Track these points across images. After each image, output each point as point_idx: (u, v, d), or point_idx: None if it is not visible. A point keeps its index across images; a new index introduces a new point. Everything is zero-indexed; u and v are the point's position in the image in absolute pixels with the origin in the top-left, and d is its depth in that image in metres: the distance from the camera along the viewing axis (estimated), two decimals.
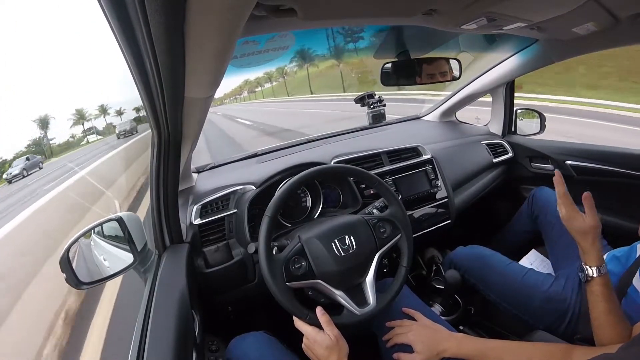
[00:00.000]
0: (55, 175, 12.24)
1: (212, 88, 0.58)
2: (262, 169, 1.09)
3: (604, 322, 0.62)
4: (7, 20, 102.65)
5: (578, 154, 1.26)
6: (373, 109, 1.43)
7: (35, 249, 4.48)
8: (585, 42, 0.98)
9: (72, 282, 0.69)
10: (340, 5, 0.56)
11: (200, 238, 0.92)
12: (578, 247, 0.70)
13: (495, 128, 1.55)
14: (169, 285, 0.71)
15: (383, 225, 0.77)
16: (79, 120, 34.93)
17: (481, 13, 0.65)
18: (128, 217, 0.80)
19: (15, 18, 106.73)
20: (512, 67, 1.28)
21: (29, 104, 67.30)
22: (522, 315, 0.91)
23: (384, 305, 0.72)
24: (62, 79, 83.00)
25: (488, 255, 1.04)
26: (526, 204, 1.21)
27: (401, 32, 1.01)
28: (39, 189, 10.18)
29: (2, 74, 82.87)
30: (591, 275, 0.65)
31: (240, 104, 39.09)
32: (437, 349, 0.70)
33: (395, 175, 1.16)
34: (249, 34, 0.62)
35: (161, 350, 0.56)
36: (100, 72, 76.12)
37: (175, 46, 0.39)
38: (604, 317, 0.63)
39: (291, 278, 0.68)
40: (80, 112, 34.87)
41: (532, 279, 0.93)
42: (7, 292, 3.32)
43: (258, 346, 0.74)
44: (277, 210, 0.72)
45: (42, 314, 2.76)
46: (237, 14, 0.37)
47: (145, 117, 0.64)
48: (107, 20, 0.37)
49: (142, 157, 10.41)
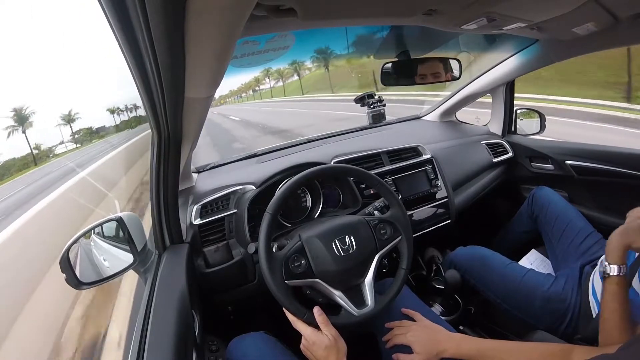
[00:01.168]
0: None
1: (212, 88, 0.57)
2: (262, 169, 1.09)
3: (612, 322, 0.62)
4: (7, 20, 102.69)
5: (578, 154, 1.26)
6: (373, 109, 1.43)
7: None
8: (585, 42, 0.98)
9: (72, 282, 0.69)
10: (340, 6, 0.56)
11: (200, 238, 0.92)
12: (606, 244, 0.68)
13: (495, 128, 1.55)
14: (169, 285, 0.71)
15: (384, 227, 0.77)
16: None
17: (481, 13, 0.65)
18: (128, 217, 0.80)
19: (15, 18, 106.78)
20: (512, 67, 1.28)
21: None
22: (522, 316, 0.91)
23: (382, 307, 0.72)
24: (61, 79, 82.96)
25: (488, 255, 1.04)
26: (526, 204, 1.21)
27: (401, 32, 1.01)
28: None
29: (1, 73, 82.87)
30: (609, 273, 0.65)
31: (240, 104, 39.31)
32: (437, 350, 0.70)
33: (395, 175, 1.16)
34: (249, 34, 0.62)
35: (161, 350, 0.55)
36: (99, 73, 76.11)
37: (175, 46, 0.39)
38: (613, 317, 0.62)
39: (290, 276, 0.68)
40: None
41: (532, 280, 0.93)
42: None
43: (258, 346, 0.74)
44: (278, 208, 0.72)
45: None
46: (237, 14, 0.37)
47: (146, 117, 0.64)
48: (108, 20, 0.37)
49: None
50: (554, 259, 1.06)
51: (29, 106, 40.34)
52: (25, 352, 2.51)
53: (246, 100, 42.04)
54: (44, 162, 25.23)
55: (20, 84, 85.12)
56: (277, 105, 20.59)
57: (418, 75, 1.05)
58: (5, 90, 77.09)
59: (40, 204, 8.20)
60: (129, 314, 2.20)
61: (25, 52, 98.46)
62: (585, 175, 1.24)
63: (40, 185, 12.18)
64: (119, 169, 10.78)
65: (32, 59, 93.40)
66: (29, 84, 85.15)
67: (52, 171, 15.28)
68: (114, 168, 11.24)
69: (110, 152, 16.00)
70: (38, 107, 56.49)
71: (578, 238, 1.00)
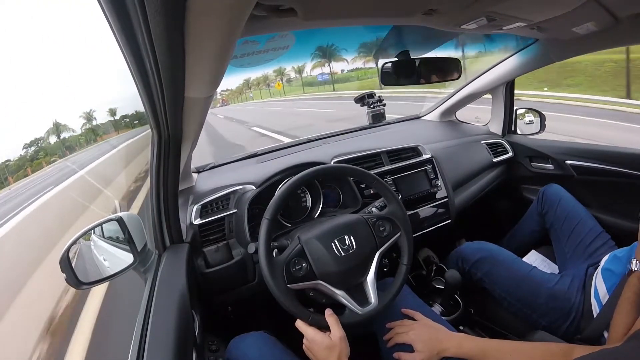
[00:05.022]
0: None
1: (212, 88, 0.58)
2: (262, 169, 1.08)
3: (624, 309, 0.65)
4: (7, 20, 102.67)
5: (578, 154, 1.26)
6: (373, 108, 1.43)
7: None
8: (585, 42, 0.98)
9: (72, 282, 0.69)
10: (340, 6, 0.56)
11: (200, 238, 0.92)
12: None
13: (495, 128, 1.55)
14: (169, 285, 0.71)
15: (382, 224, 0.77)
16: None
17: (481, 13, 0.65)
18: (128, 217, 0.80)
19: (14, 17, 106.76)
20: (512, 66, 1.28)
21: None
22: (526, 310, 0.92)
23: (386, 304, 0.72)
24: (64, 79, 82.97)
25: (495, 250, 1.04)
26: (535, 202, 1.21)
27: (401, 31, 1.01)
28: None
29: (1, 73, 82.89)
30: (634, 269, 0.68)
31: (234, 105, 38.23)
32: (438, 349, 0.70)
33: (395, 175, 1.16)
34: (249, 34, 0.62)
35: (161, 350, 0.55)
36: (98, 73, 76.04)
37: (175, 46, 0.39)
38: (626, 306, 0.65)
39: (292, 280, 0.68)
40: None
41: (538, 276, 0.94)
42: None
43: (258, 346, 0.74)
44: (277, 211, 0.72)
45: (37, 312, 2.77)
46: (237, 14, 0.37)
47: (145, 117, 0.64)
48: (107, 20, 0.37)
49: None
50: (562, 256, 1.05)
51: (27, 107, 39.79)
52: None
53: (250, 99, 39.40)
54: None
55: (20, 83, 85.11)
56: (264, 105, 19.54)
57: (418, 75, 1.05)
58: (5, 90, 77.13)
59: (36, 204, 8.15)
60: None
61: (24, 52, 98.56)
62: (585, 175, 1.24)
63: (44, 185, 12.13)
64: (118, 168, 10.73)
65: (31, 59, 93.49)
66: (28, 84, 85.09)
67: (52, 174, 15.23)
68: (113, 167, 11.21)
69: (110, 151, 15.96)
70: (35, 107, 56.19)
71: (588, 238, 1.00)
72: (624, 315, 0.64)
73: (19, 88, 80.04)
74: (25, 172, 23.83)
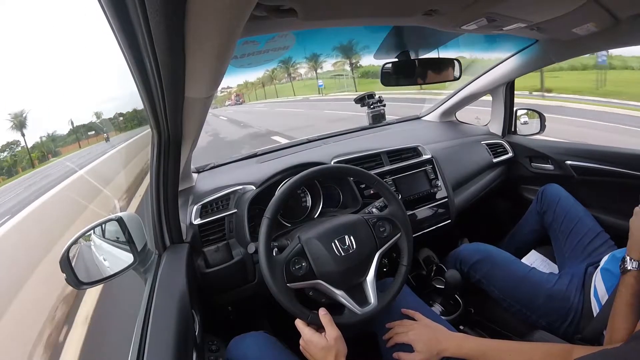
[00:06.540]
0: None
1: (212, 88, 0.57)
2: (262, 169, 1.08)
3: (622, 313, 0.64)
4: (7, 20, 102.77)
5: (578, 154, 1.26)
6: (373, 109, 1.43)
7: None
8: (585, 43, 0.98)
9: (72, 282, 0.69)
10: (341, 6, 0.56)
11: (200, 238, 0.92)
12: (629, 238, 0.71)
13: (495, 128, 1.55)
14: (169, 285, 0.71)
15: (383, 225, 0.78)
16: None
17: (481, 14, 0.65)
18: (128, 217, 0.80)
19: (14, 17, 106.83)
20: (512, 67, 1.28)
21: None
22: (525, 311, 0.92)
23: (385, 304, 0.72)
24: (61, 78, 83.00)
25: (494, 251, 1.04)
26: (535, 202, 1.21)
27: (401, 32, 1.01)
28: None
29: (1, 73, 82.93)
30: (628, 268, 0.67)
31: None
32: (438, 349, 0.70)
33: (395, 175, 1.16)
34: (249, 34, 0.62)
35: (161, 350, 0.55)
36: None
37: (175, 46, 0.39)
38: (623, 308, 0.64)
39: (292, 279, 0.68)
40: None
41: (537, 276, 0.94)
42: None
43: (258, 346, 0.74)
44: (277, 211, 0.72)
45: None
46: (237, 14, 0.37)
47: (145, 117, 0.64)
48: (107, 20, 0.37)
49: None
50: (561, 256, 1.06)
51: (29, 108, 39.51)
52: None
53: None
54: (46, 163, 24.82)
55: (20, 84, 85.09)
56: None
57: (418, 76, 1.05)
58: (5, 90, 77.10)
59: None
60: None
61: (24, 52, 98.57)
62: (585, 175, 1.25)
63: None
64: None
65: (31, 59, 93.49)
66: (29, 84, 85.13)
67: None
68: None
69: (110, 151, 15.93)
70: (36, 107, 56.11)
71: (586, 237, 1.00)
72: (621, 318, 0.63)
73: (19, 88, 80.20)
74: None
